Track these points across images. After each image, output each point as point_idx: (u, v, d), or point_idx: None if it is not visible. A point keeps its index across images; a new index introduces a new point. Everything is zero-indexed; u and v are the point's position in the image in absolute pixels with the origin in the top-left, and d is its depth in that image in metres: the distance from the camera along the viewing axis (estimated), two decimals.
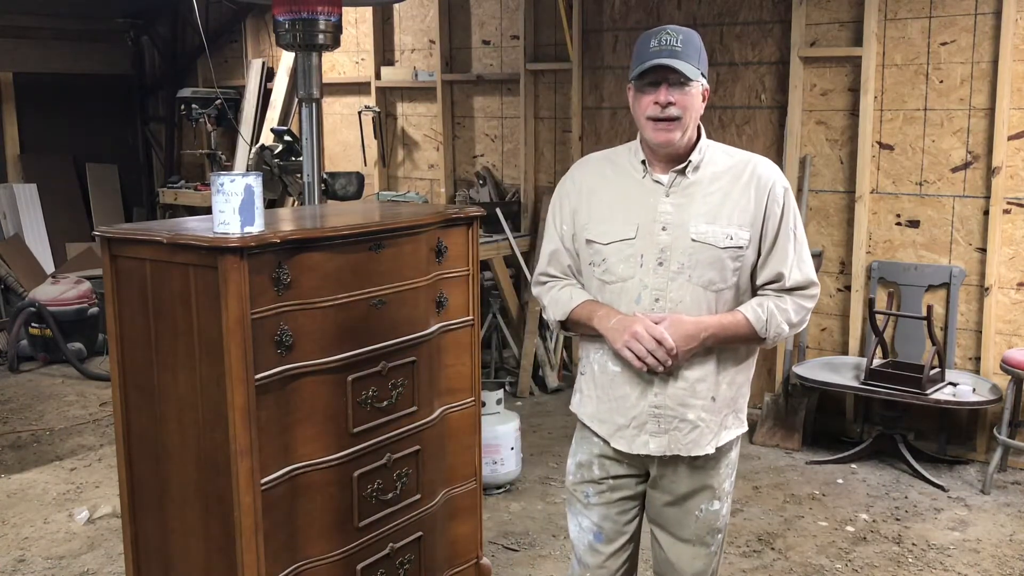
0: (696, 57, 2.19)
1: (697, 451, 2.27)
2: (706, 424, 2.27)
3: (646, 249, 2.23)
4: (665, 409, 2.25)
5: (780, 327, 2.24)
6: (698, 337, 2.18)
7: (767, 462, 4.62)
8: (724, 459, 2.34)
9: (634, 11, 5.49)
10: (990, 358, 4.52)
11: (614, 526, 2.40)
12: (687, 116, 2.19)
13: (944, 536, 3.85)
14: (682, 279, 2.21)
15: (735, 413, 2.34)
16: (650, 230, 2.23)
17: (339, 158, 7.13)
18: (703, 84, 2.22)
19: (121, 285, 2.41)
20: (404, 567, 2.72)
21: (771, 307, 2.23)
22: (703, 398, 2.26)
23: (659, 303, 2.22)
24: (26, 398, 5.72)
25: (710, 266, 2.21)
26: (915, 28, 4.62)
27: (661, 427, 2.26)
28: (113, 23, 8.28)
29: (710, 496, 2.33)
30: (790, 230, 2.25)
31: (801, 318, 2.28)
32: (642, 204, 2.26)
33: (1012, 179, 4.44)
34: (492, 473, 4.13)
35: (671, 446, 2.26)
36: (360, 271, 2.50)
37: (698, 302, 2.22)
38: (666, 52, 2.15)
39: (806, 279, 2.27)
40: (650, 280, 2.22)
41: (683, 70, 2.15)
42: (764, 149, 5.15)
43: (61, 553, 3.75)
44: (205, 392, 2.28)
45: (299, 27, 3.85)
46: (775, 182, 2.26)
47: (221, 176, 2.26)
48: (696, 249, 2.20)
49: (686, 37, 2.19)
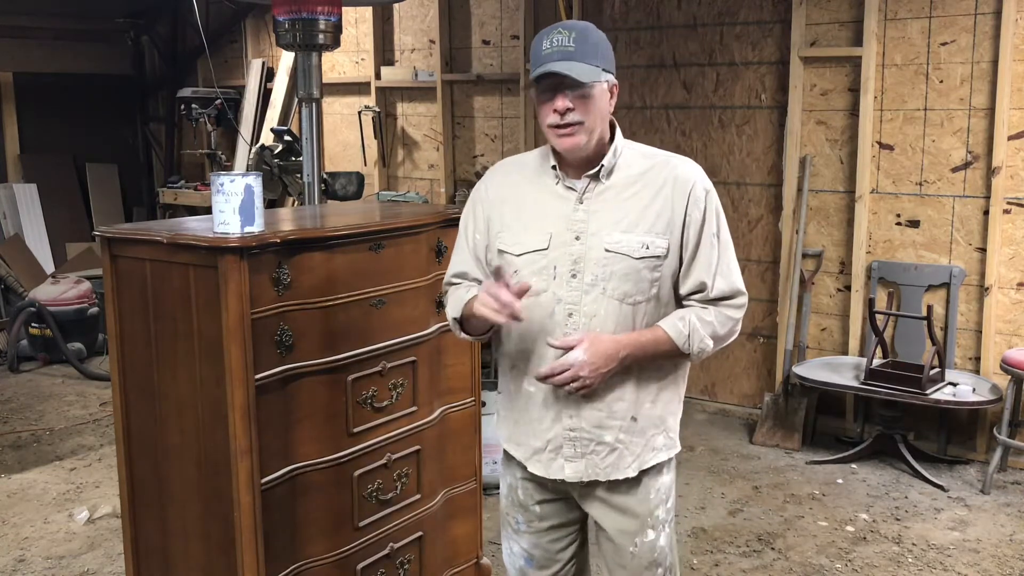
0: (593, 55, 2.02)
1: (616, 475, 2.12)
2: (626, 446, 2.11)
3: (559, 260, 2.08)
4: (581, 432, 2.11)
5: (704, 342, 2.07)
6: (616, 357, 2.03)
7: (767, 462, 4.62)
8: (653, 483, 2.16)
9: (634, 11, 5.49)
10: (990, 358, 4.52)
11: (545, 554, 2.28)
12: (590, 119, 2.03)
13: (944, 536, 3.85)
14: (596, 292, 2.06)
15: (665, 433, 2.16)
16: (563, 240, 2.08)
17: (339, 158, 7.13)
18: (608, 81, 2.07)
19: (121, 285, 2.42)
20: (404, 567, 2.72)
21: (693, 320, 2.07)
22: (621, 418, 2.10)
23: (572, 317, 2.07)
24: (26, 398, 5.71)
25: (625, 278, 2.05)
26: (915, 28, 4.62)
27: (577, 451, 2.12)
28: (113, 23, 8.28)
29: (640, 526, 2.16)
30: (712, 235, 2.08)
31: (728, 330, 2.11)
32: (556, 212, 2.10)
33: (1012, 179, 4.43)
34: (492, 473, 4.12)
35: (588, 471, 2.12)
36: (360, 271, 2.50)
37: (613, 316, 2.06)
38: (558, 54, 2.00)
39: (731, 288, 2.10)
40: (563, 293, 2.07)
41: (574, 74, 1.98)
42: (764, 149, 5.15)
43: (61, 553, 3.75)
44: (205, 392, 2.28)
45: (299, 27, 3.85)
46: (695, 184, 2.09)
47: (221, 176, 2.26)
48: (610, 260, 2.05)
49: (580, 34, 2.03)
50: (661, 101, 5.44)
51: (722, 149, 5.28)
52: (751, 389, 5.30)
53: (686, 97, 5.38)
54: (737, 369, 5.35)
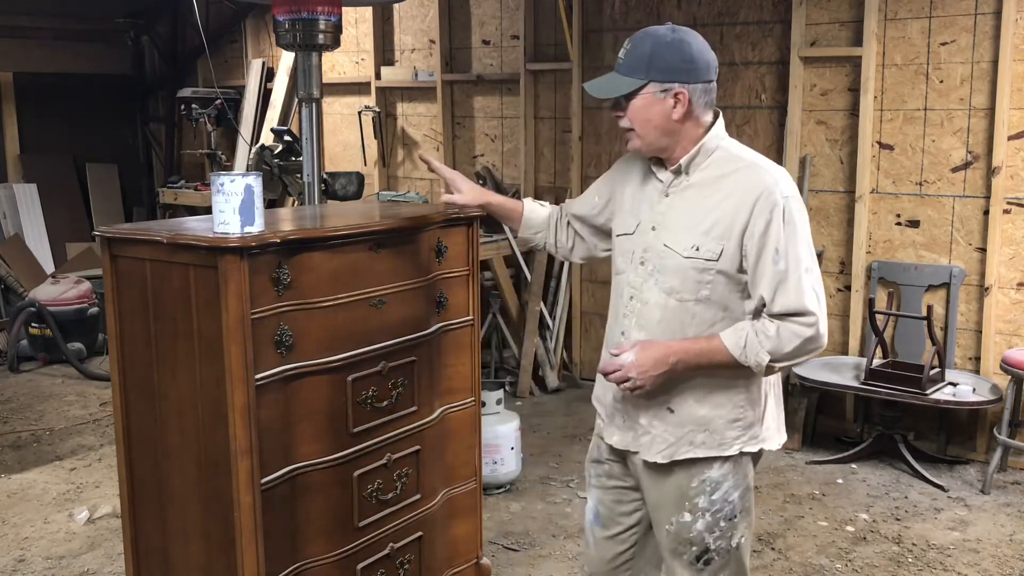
0: (641, 67, 2.12)
1: (647, 455, 2.23)
2: (657, 432, 2.21)
3: (636, 246, 2.23)
4: (623, 405, 2.27)
5: (759, 355, 2.06)
6: (666, 361, 2.11)
7: (767, 462, 4.62)
8: (696, 473, 2.21)
9: (634, 11, 5.49)
10: (990, 358, 4.52)
11: (608, 512, 2.40)
12: (642, 127, 2.16)
13: (944, 536, 3.85)
14: (652, 281, 2.18)
15: (708, 432, 2.18)
16: (644, 228, 2.22)
17: (339, 158, 7.13)
18: (662, 91, 2.12)
19: (121, 285, 2.41)
20: (404, 567, 2.72)
21: (750, 333, 2.07)
22: (657, 406, 2.20)
23: (632, 301, 2.22)
24: (26, 398, 5.71)
25: (673, 274, 2.14)
26: (915, 28, 4.62)
27: (624, 423, 2.27)
28: (113, 23, 8.28)
29: (678, 508, 2.23)
30: (774, 251, 2.04)
31: (795, 347, 2.05)
32: (648, 201, 2.24)
33: (1012, 179, 4.43)
34: (492, 473, 4.13)
35: (631, 443, 2.26)
36: (360, 271, 2.50)
37: (660, 307, 2.16)
38: (616, 66, 2.18)
39: (797, 306, 2.04)
40: (632, 277, 2.23)
41: (598, 92, 2.19)
42: (764, 149, 5.15)
43: (61, 553, 3.75)
44: (205, 392, 2.28)
45: (299, 27, 3.84)
46: (764, 191, 2.07)
47: (221, 176, 2.26)
48: (665, 254, 2.16)
49: (634, 46, 2.16)
50: None
51: None
52: None
53: None
54: None
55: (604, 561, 2.43)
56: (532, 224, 2.54)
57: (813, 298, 2.05)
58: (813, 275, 2.08)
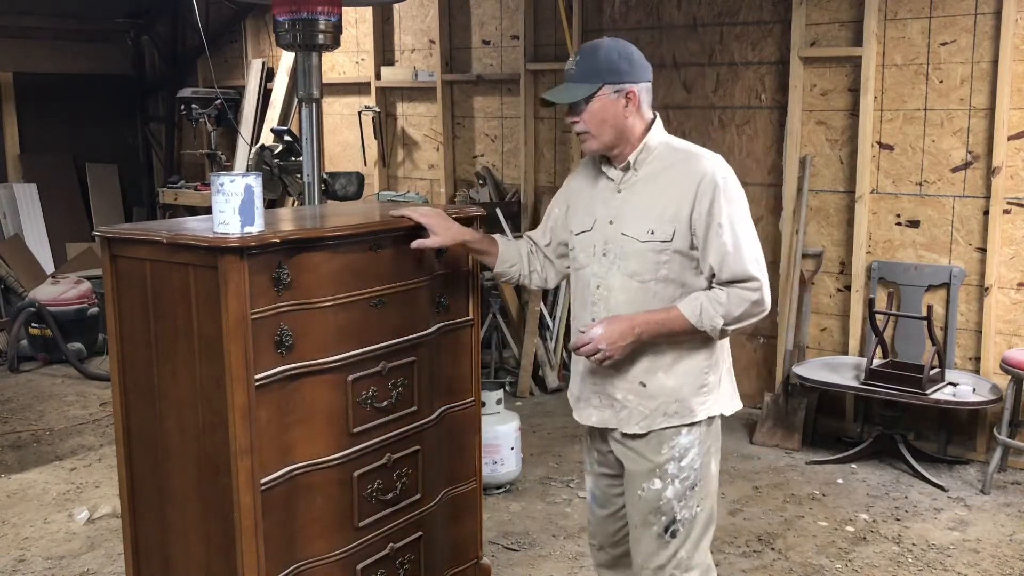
0: (594, 72, 2.33)
1: (626, 428, 2.43)
2: (634, 406, 2.41)
3: (597, 240, 2.44)
4: (599, 386, 2.46)
5: (714, 320, 2.30)
6: (631, 332, 2.32)
7: (767, 462, 4.63)
8: (667, 440, 2.41)
9: (634, 11, 5.49)
10: (990, 358, 4.52)
11: (603, 495, 2.62)
12: (595, 128, 2.36)
13: (944, 536, 3.85)
14: (615, 268, 2.40)
15: (679, 403, 2.40)
16: (602, 223, 2.44)
17: (339, 158, 7.13)
18: (614, 92, 2.33)
19: (121, 285, 2.42)
20: (404, 567, 2.72)
21: (703, 299, 2.31)
22: (630, 382, 2.41)
23: (599, 289, 2.43)
24: (26, 398, 5.72)
25: (633, 258, 2.37)
26: (915, 28, 4.62)
27: (601, 402, 2.47)
28: (113, 23, 8.28)
29: (649, 475, 2.42)
30: (719, 225, 2.29)
31: (744, 310, 2.31)
32: (601, 199, 2.46)
33: (1012, 179, 4.43)
34: (492, 473, 4.13)
35: (610, 420, 2.46)
36: (360, 271, 2.50)
37: (625, 290, 2.38)
38: (564, 77, 2.39)
39: (742, 272, 2.30)
40: (596, 268, 2.44)
41: (555, 99, 2.37)
42: (764, 149, 5.15)
43: (61, 553, 3.75)
44: (205, 392, 2.28)
45: (299, 27, 3.85)
46: (705, 175, 2.32)
47: (221, 176, 2.26)
48: (625, 242, 2.38)
49: (586, 55, 2.36)
50: (661, 101, 5.43)
51: (722, 149, 5.25)
52: (751, 389, 5.29)
53: (686, 97, 5.39)
54: (737, 369, 5.30)
55: (608, 535, 2.66)
56: (507, 259, 2.68)
57: (755, 265, 2.32)
58: (754, 245, 2.34)
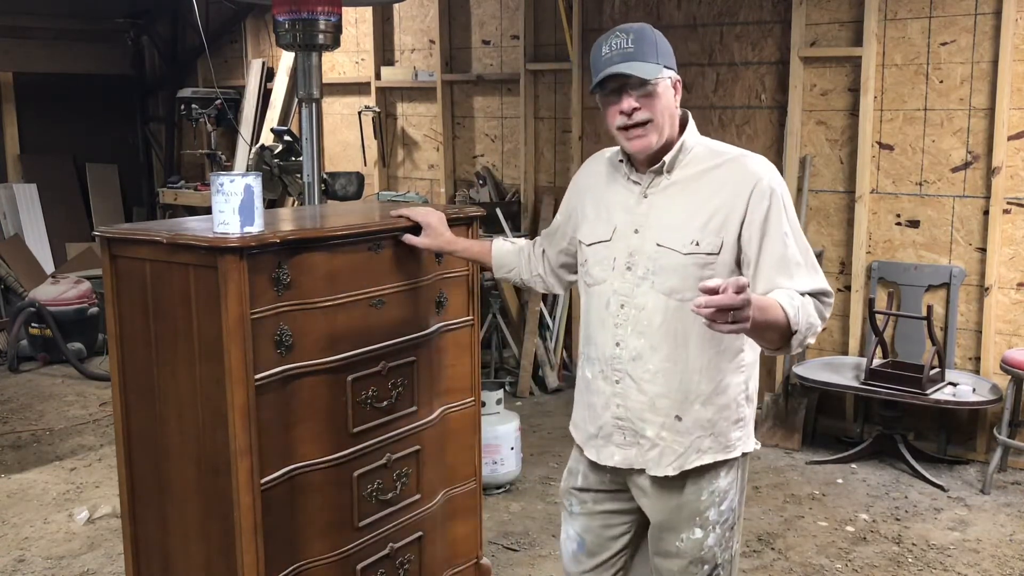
0: (653, 53, 2.03)
1: (657, 471, 2.13)
2: (667, 444, 2.12)
3: (618, 252, 2.13)
4: (626, 422, 2.15)
5: (811, 318, 1.96)
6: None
7: (767, 462, 4.62)
8: (705, 485, 2.14)
9: (634, 11, 5.49)
10: (990, 358, 4.52)
11: (596, 539, 2.31)
12: (658, 117, 2.04)
13: (944, 536, 3.85)
14: (646, 285, 2.08)
15: (714, 436, 2.12)
16: (624, 232, 2.13)
17: (339, 158, 7.13)
18: (671, 77, 2.07)
19: (121, 285, 2.42)
20: (404, 567, 2.72)
21: (798, 297, 1.96)
22: (664, 415, 2.11)
23: (624, 308, 2.11)
24: (26, 398, 5.71)
25: (673, 272, 2.06)
26: (915, 28, 4.62)
27: (626, 439, 2.16)
28: (113, 23, 8.27)
29: (689, 523, 2.15)
30: (783, 234, 2.01)
31: (818, 326, 1.99)
32: (622, 206, 2.16)
33: (1012, 179, 4.43)
34: (492, 473, 4.13)
35: (636, 460, 2.16)
36: (360, 271, 2.50)
37: (661, 310, 2.07)
38: (618, 57, 2.02)
39: (822, 287, 2.02)
40: (618, 284, 2.12)
41: (638, 72, 2.00)
42: (764, 149, 5.15)
43: (61, 553, 3.75)
44: (205, 392, 2.28)
45: (299, 27, 3.85)
46: (759, 180, 2.03)
47: (221, 176, 2.26)
48: (660, 254, 2.07)
49: (637, 35, 2.04)
50: None
51: None
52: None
53: (686, 97, 5.34)
54: None
55: None
56: (504, 263, 2.54)
57: (825, 280, 2.05)
58: (813, 257, 2.08)
